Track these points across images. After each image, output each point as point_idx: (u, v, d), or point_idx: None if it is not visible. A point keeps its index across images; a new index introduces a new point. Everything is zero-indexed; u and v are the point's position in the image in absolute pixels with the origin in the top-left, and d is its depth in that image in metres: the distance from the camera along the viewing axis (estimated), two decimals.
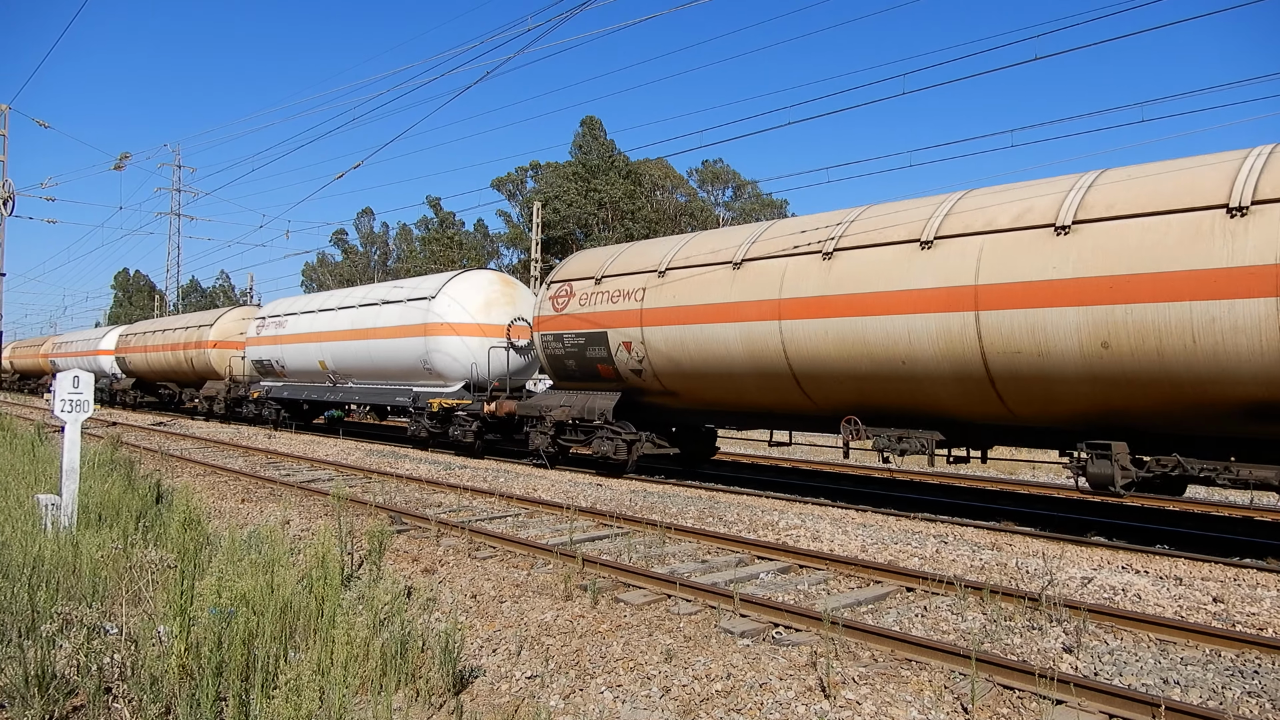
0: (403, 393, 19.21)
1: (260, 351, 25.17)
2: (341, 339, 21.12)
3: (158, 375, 33.79)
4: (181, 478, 13.40)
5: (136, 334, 36.23)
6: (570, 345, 14.47)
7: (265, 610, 4.64)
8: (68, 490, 7.53)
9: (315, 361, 22.19)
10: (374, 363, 19.96)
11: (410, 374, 18.95)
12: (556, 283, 15.34)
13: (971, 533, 9.44)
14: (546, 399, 15.33)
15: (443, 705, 4.46)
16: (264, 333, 25.09)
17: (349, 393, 21.59)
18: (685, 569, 7.45)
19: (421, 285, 19.49)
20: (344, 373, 21.24)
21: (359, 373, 20.76)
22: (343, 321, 21.28)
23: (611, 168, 50.81)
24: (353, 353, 20.65)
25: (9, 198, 32.96)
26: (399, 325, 18.94)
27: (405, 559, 7.91)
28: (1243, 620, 6.17)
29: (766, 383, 11.71)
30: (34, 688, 3.99)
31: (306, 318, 23.02)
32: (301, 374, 23.36)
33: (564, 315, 14.62)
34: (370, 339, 19.93)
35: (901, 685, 4.75)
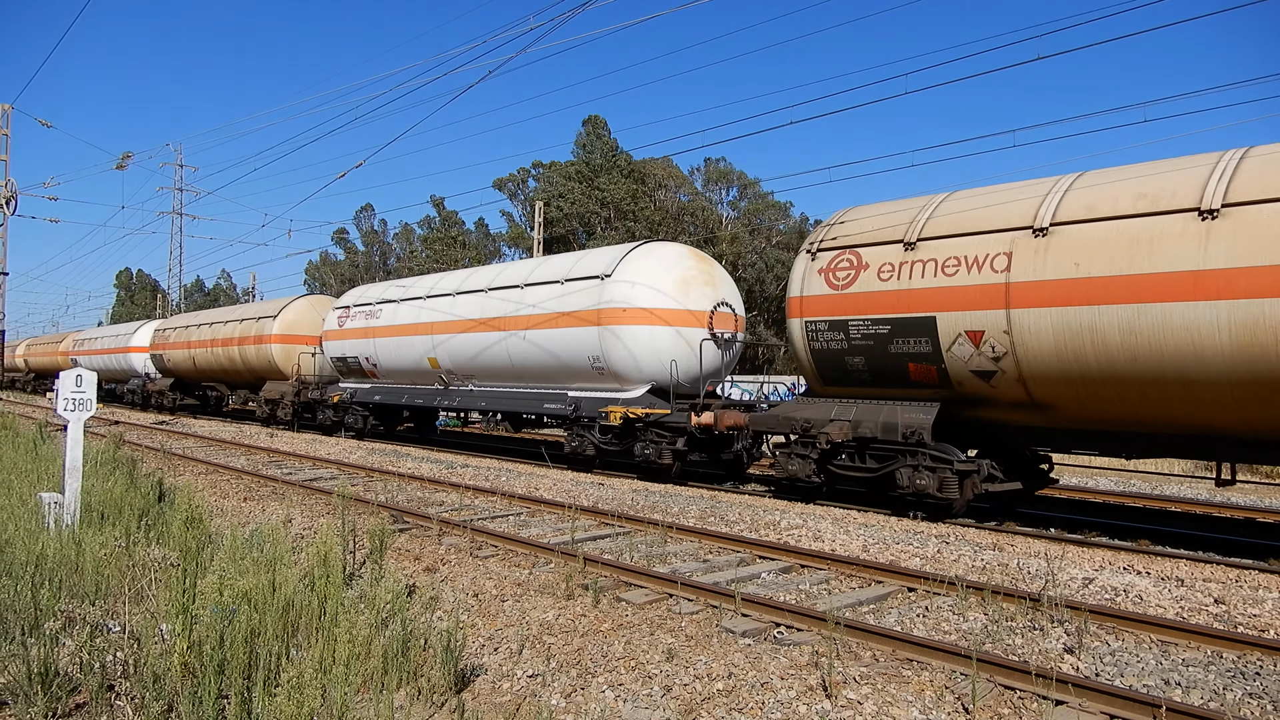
0: (555, 398, 15.35)
1: (343, 347, 21.42)
2: (462, 331, 17.18)
3: (203, 375, 30.06)
4: (184, 476, 13.42)
5: (177, 328, 32.03)
6: (859, 337, 10.65)
7: (267, 608, 4.65)
8: (70, 489, 7.55)
9: (422, 359, 18.48)
10: (514, 361, 16.04)
11: (569, 374, 15.10)
12: (830, 249, 11.18)
13: (973, 533, 9.43)
14: (805, 410, 11.44)
15: (444, 704, 4.47)
16: (349, 324, 21.26)
17: (469, 398, 17.64)
18: (687, 568, 7.46)
19: (589, 260, 15.38)
20: (463, 373, 17.52)
21: (487, 373, 17.00)
22: (465, 309, 17.33)
23: (614, 167, 50.81)
24: (480, 348, 16.78)
25: (12, 197, 32.99)
26: (556, 312, 15.00)
27: (407, 557, 7.92)
28: (1244, 622, 6.16)
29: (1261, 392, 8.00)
30: (37, 685, 4.00)
31: (409, 306, 19.25)
32: (400, 374, 19.63)
33: (847, 295, 10.75)
34: (509, 330, 15.94)
35: (903, 685, 4.76)
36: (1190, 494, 14.03)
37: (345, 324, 21.58)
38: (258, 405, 26.33)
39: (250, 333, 25.88)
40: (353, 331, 21.14)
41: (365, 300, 21.39)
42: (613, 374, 14.26)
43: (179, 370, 31.50)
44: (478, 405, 17.55)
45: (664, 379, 13.90)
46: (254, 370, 26.09)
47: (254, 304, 30.75)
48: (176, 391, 32.71)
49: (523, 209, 57.87)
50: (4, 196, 32.43)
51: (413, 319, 18.98)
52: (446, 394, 18.25)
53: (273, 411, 25.15)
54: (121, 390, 38.14)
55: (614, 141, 52.40)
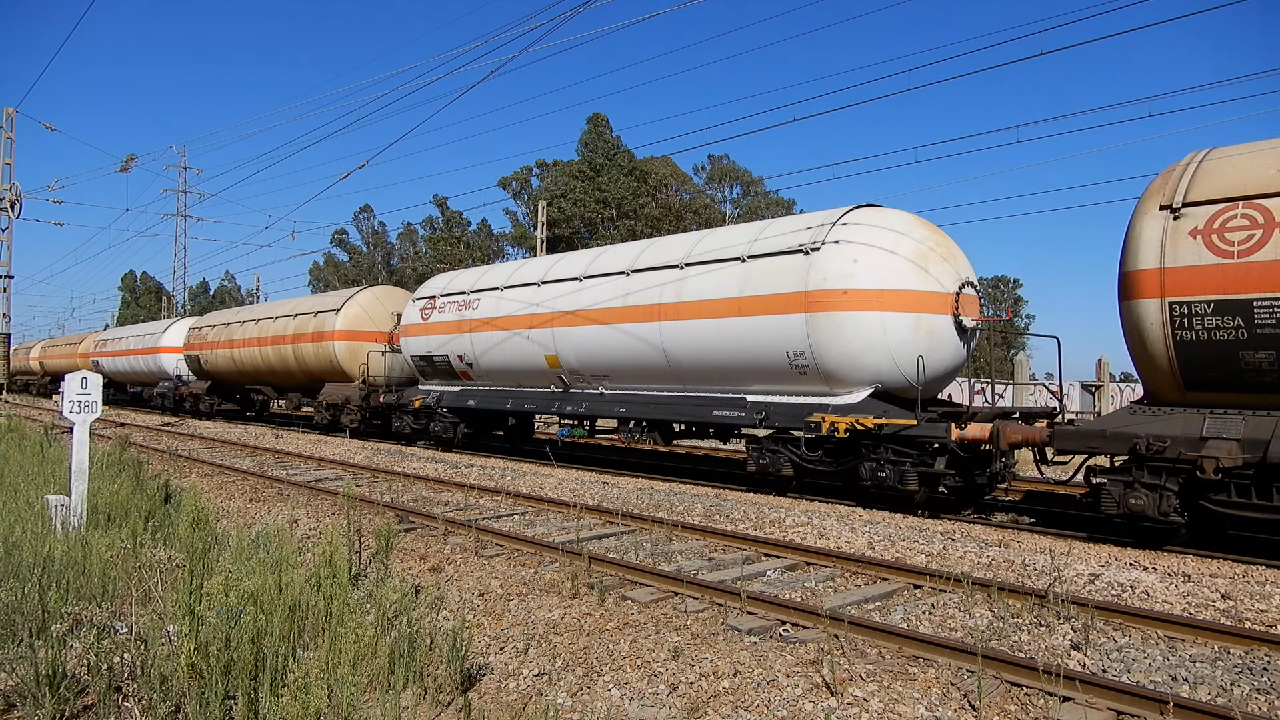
0: (729, 403, 12.43)
1: (428, 344, 18.48)
2: (593, 322, 14.28)
3: (247, 377, 27.21)
4: (189, 478, 13.45)
5: (215, 326, 29.14)
6: (1273, 323, 7.80)
7: (273, 609, 4.66)
8: (76, 491, 7.57)
9: (535, 357, 15.60)
10: (670, 359, 13.08)
11: (753, 374, 12.17)
12: (1211, 203, 8.24)
13: (979, 530, 9.42)
14: (1154, 425, 8.60)
15: (450, 703, 4.47)
16: (436, 317, 18.30)
17: (600, 403, 14.64)
18: (692, 567, 7.45)
19: (782, 231, 12.26)
20: (593, 373, 14.60)
21: (627, 373, 14.04)
22: (596, 296, 14.37)
23: (616, 165, 50.80)
24: (618, 343, 13.83)
25: (16, 200, 33.09)
26: (736, 297, 12.05)
27: (413, 557, 7.93)
28: (1251, 617, 6.14)
29: None
30: (45, 687, 4.02)
31: (518, 294, 16.33)
32: (503, 374, 16.82)
33: (1249, 264, 7.87)
34: (664, 321, 13.06)
35: (908, 682, 4.75)
36: None
37: (431, 317, 18.45)
38: (315, 411, 23.23)
39: (307, 329, 22.93)
40: (441, 326, 18.11)
41: (456, 289, 18.32)
42: (822, 373, 11.29)
43: (218, 372, 28.73)
44: (612, 412, 14.57)
45: (893, 379, 11.00)
46: (310, 371, 23.25)
47: (309, 297, 27.46)
48: (214, 395, 29.84)
49: (526, 208, 57.90)
50: (8, 200, 32.51)
51: (523, 309, 15.96)
52: (567, 398, 15.27)
53: (334, 418, 22.19)
54: (149, 394, 35.48)
55: (616, 139, 52.39)
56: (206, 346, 28.93)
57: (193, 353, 30.12)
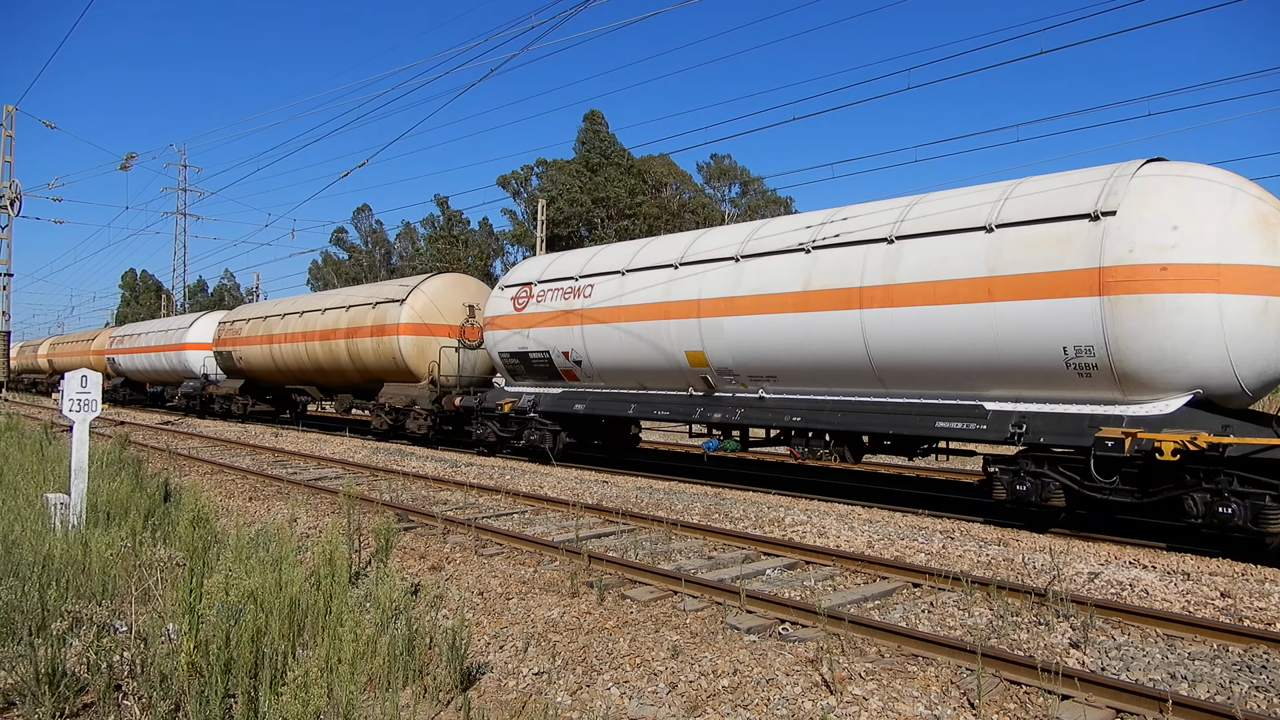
0: (960, 412, 9.95)
1: (524, 339, 15.75)
2: (758, 311, 11.83)
3: (289, 376, 24.56)
4: (189, 476, 13.46)
5: (250, 319, 26.47)
6: None
7: (273, 608, 4.66)
8: (76, 489, 7.58)
9: (673, 353, 13.03)
10: (875, 353, 10.49)
11: (1002, 375, 9.56)
12: None
13: (978, 528, 9.42)
14: None
15: (450, 702, 4.48)
16: (534, 307, 15.63)
17: (760, 411, 12.14)
18: (691, 565, 7.46)
19: (1045, 194, 9.56)
20: (752, 372, 12.13)
21: (803, 373, 11.55)
22: (764, 277, 11.89)
23: (612, 164, 50.78)
24: (797, 336, 11.33)
25: (16, 198, 33.05)
26: (989, 275, 9.41)
27: (412, 556, 7.94)
28: (1251, 615, 6.15)
29: None
30: (44, 685, 4.02)
31: (648, 277, 13.66)
32: (623, 373, 14.20)
33: None
34: (869, 308, 10.46)
35: (908, 681, 4.76)
36: None
37: (527, 307, 15.82)
38: (373, 415, 20.70)
39: (364, 322, 20.46)
40: (540, 317, 15.41)
41: (559, 274, 15.56)
42: (1117, 375, 8.75)
43: (254, 370, 26.16)
44: (780, 421, 11.81)
45: (1222, 383, 8.51)
46: (367, 370, 20.79)
47: (365, 287, 24.46)
48: (247, 396, 27.37)
49: (526, 207, 57.88)
50: (8, 198, 32.49)
51: (655, 296, 13.41)
52: (713, 404, 12.74)
53: (397, 423, 19.69)
54: (172, 395, 33.26)
55: (612, 136, 52.36)
56: (240, 342, 26.30)
57: (223, 349, 27.45)
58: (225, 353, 27.42)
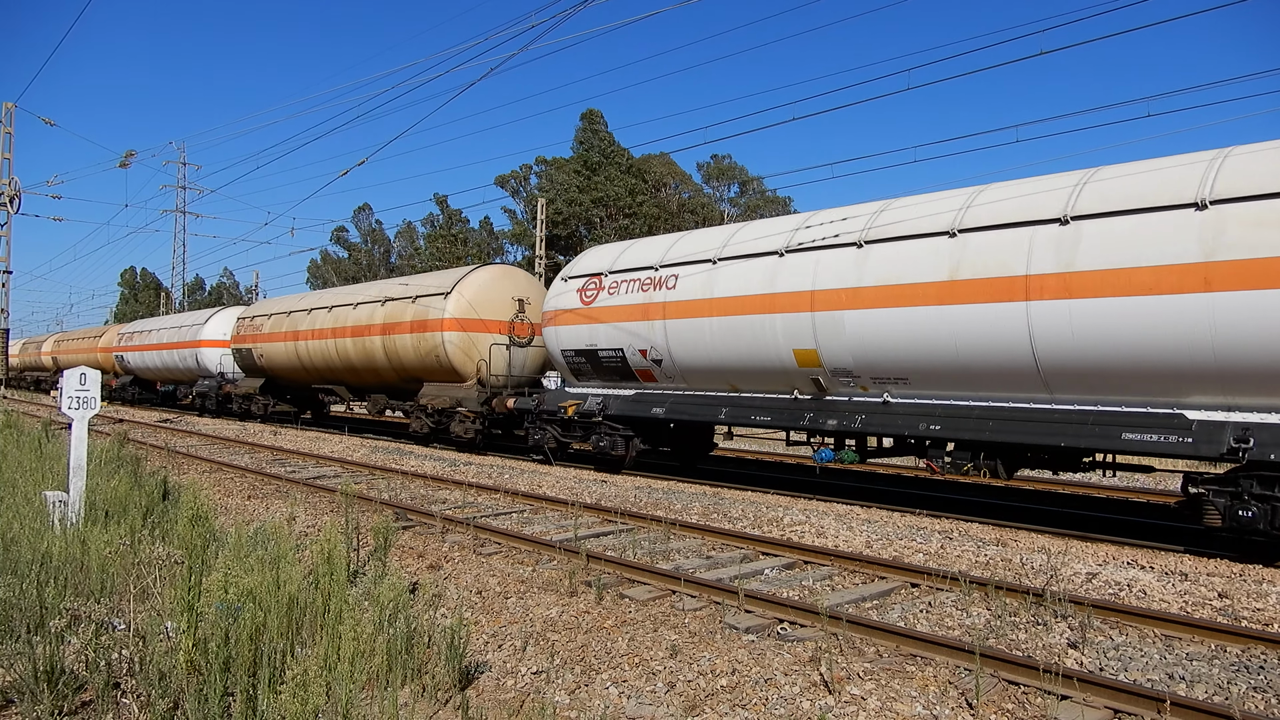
0: (1153, 421, 8.48)
1: (591, 335, 14.33)
2: (889, 303, 10.37)
3: (315, 375, 23.18)
4: (188, 474, 13.45)
5: (272, 315, 24.92)
6: None
7: (272, 606, 4.66)
8: (75, 487, 7.57)
9: (778, 351, 11.60)
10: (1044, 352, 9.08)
11: (1209, 378, 8.18)
12: None
13: (976, 528, 9.43)
14: None
15: (448, 701, 4.48)
16: (605, 300, 14.19)
17: (884, 417, 10.66)
18: (690, 565, 7.46)
19: None
20: (878, 373, 10.65)
21: (944, 374, 10.03)
22: (896, 265, 10.41)
23: (611, 163, 50.78)
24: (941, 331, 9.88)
25: (15, 196, 33.02)
26: (1206, 261, 8.05)
27: (411, 555, 7.94)
28: (1248, 616, 6.16)
29: None
30: (43, 683, 4.02)
31: (747, 267, 12.22)
32: (714, 374, 12.78)
33: None
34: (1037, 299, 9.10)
35: (906, 680, 4.76)
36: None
37: (597, 300, 14.35)
38: (411, 417, 19.34)
39: (403, 317, 19.05)
40: (611, 311, 13.96)
41: (636, 263, 14.05)
42: None
43: (275, 368, 24.73)
44: (914, 429, 10.27)
45: None
46: (405, 369, 19.35)
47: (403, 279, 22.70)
48: (268, 395, 25.95)
49: (525, 206, 57.89)
50: (7, 195, 32.45)
51: (757, 287, 11.95)
52: (825, 409, 11.31)
53: (439, 426, 18.25)
54: (185, 394, 31.95)
55: (610, 135, 52.34)
56: (261, 339, 24.80)
57: (243, 346, 25.95)
58: (245, 350, 25.84)
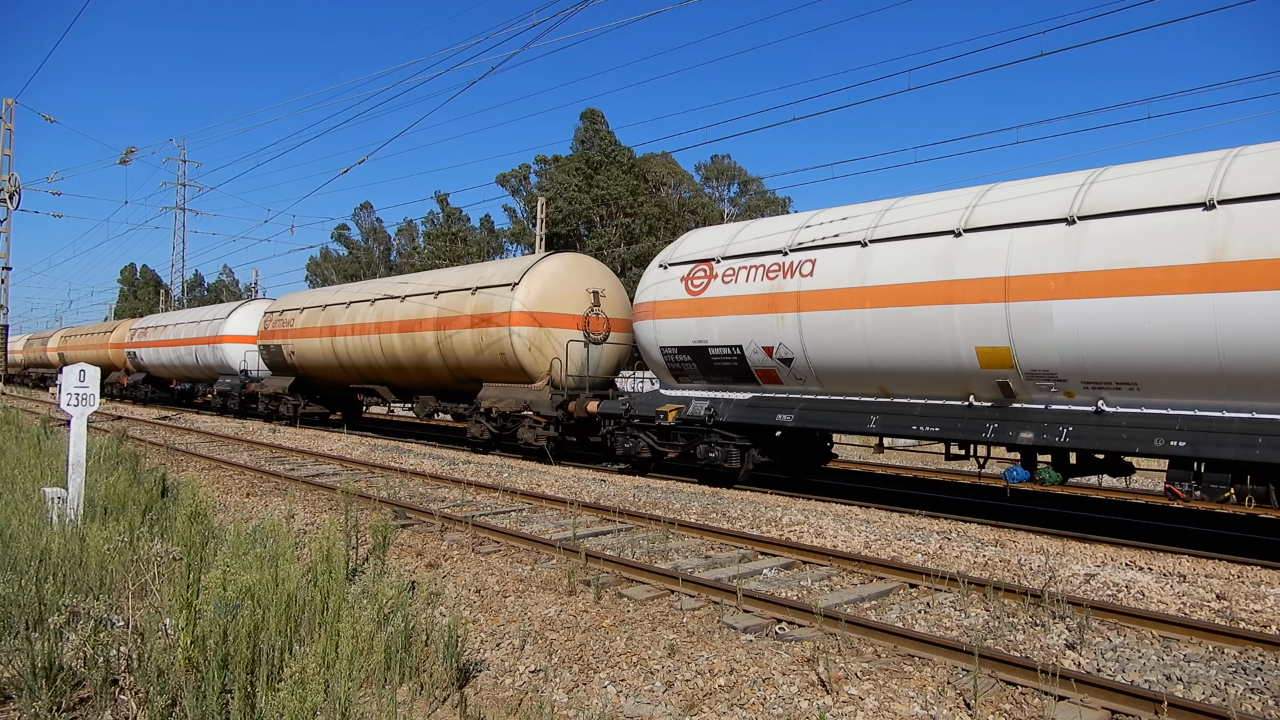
0: None
1: (700, 329, 12.59)
2: (1118, 290, 8.70)
3: (356, 374, 21.38)
4: (187, 472, 13.44)
5: (305, 309, 23.21)
6: None
7: (270, 604, 4.66)
8: (74, 484, 7.57)
9: (955, 350, 9.96)
10: None
11: None
12: None
13: (975, 529, 9.43)
14: None
15: (446, 699, 4.48)
16: (716, 289, 12.49)
17: (1100, 430, 8.98)
18: (688, 564, 7.47)
19: None
20: (1093, 377, 9.02)
21: (1198, 380, 8.36)
22: (1130, 245, 8.69)
23: (613, 163, 50.77)
24: (1192, 325, 8.25)
25: (15, 192, 32.97)
26: None
27: (409, 553, 7.94)
28: (1246, 617, 6.16)
29: None
30: (41, 679, 4.02)
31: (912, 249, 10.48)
32: (859, 376, 11.03)
33: None
34: None
35: (904, 681, 4.76)
36: None
37: (708, 289, 12.62)
38: (470, 421, 17.35)
39: (461, 311, 17.28)
40: (728, 303, 12.18)
41: (761, 247, 12.17)
42: None
43: (308, 366, 23.05)
44: (1144, 446, 8.61)
45: None
46: (462, 368, 17.60)
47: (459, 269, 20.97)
48: (298, 395, 24.26)
49: (525, 205, 57.88)
50: (7, 191, 32.40)
51: (927, 272, 10.20)
52: (1011, 417, 9.63)
53: (503, 431, 16.41)
54: (204, 393, 30.24)
55: (611, 135, 52.33)
56: (292, 335, 23.14)
57: (271, 342, 24.32)
58: (273, 346, 24.16)
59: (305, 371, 23.55)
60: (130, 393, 36.75)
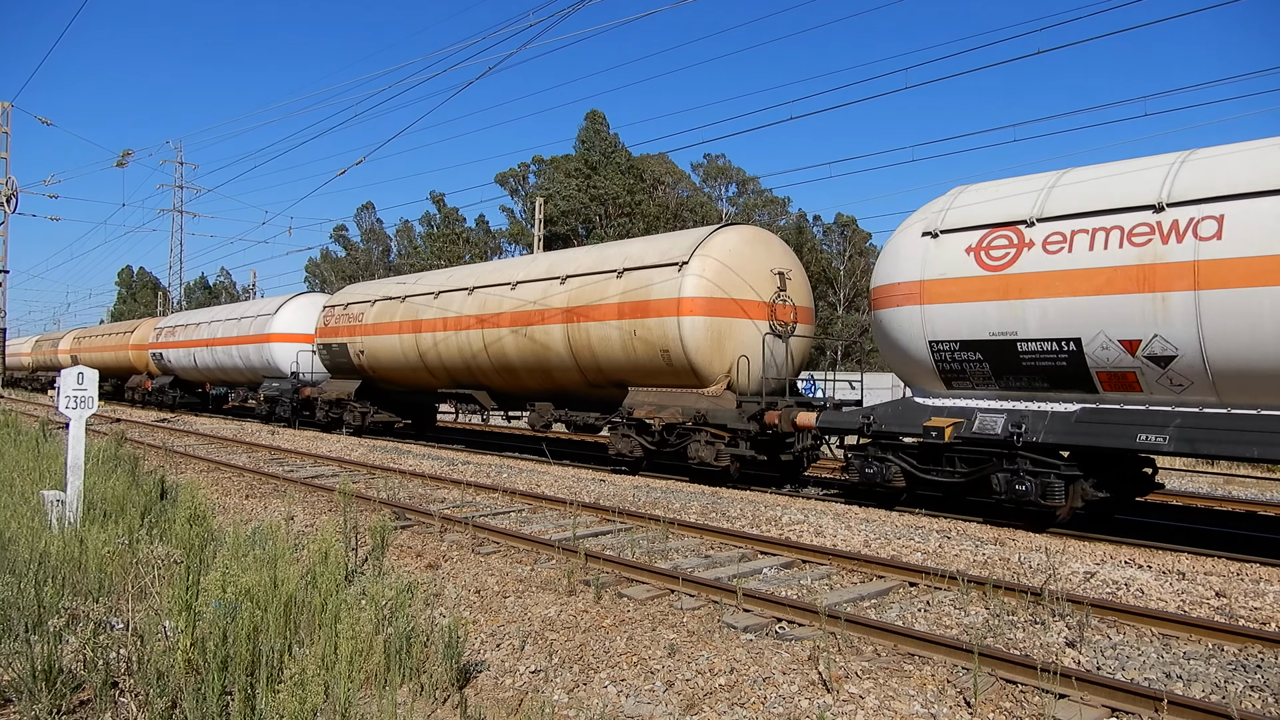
0: None
1: (1020, 317, 9.33)
2: None
3: (446, 377, 18.14)
4: (185, 474, 13.43)
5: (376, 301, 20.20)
6: None
7: (270, 605, 4.66)
8: (73, 486, 7.56)
9: None
10: None
11: None
12: None
13: (974, 528, 9.44)
14: None
15: (446, 699, 4.48)
16: (1041, 261, 9.18)
17: None
18: (688, 564, 7.47)
19: None
20: None
21: None
22: None
23: (611, 162, 50.78)
24: None
25: (12, 195, 32.94)
26: None
27: (409, 554, 7.93)
28: (1245, 615, 6.17)
29: None
30: (41, 682, 4.01)
31: None
32: None
33: None
34: None
35: (904, 679, 4.77)
36: (1191, 488, 14.04)
37: (1020, 262, 9.36)
38: (614, 434, 14.04)
39: (604, 297, 13.96)
40: (1060, 280, 9.01)
41: (1111, 202, 8.85)
42: None
43: (382, 368, 20.01)
44: None
45: None
46: (601, 368, 14.34)
47: (590, 248, 16.81)
48: (365, 401, 20.87)
49: (523, 205, 57.87)
50: (5, 195, 32.36)
51: None
52: None
53: (663, 446, 13.24)
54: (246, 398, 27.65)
55: (614, 137, 52.36)
56: (361, 331, 20.28)
57: (333, 340, 21.32)
58: (336, 345, 21.16)
59: (377, 374, 20.41)
60: (155, 398, 33.63)
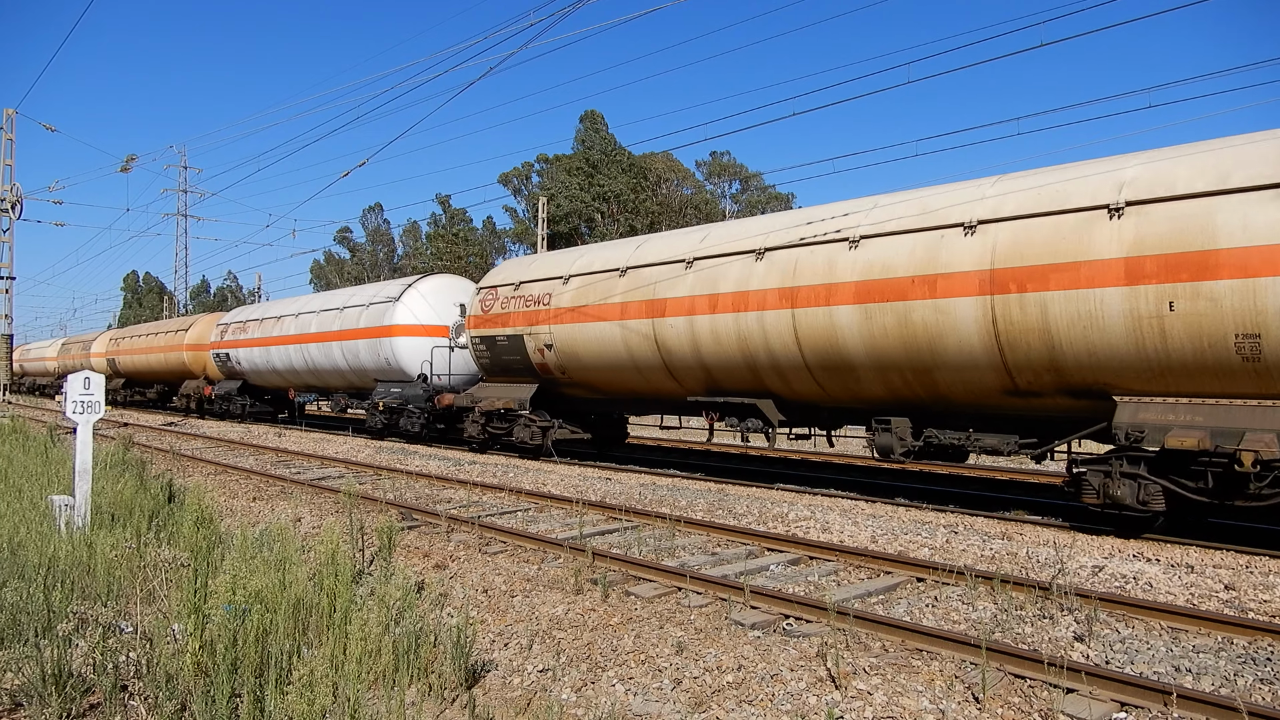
0: None
1: None
2: None
3: (705, 378, 12.52)
4: (193, 477, 13.47)
5: (569, 277, 14.50)
6: None
7: (278, 607, 4.67)
8: (80, 491, 7.59)
9: None
10: None
11: None
12: None
13: (982, 522, 9.42)
14: None
15: (455, 699, 4.49)
16: None
17: None
18: (695, 561, 7.46)
19: None
20: None
21: None
22: None
23: (613, 162, 50.76)
24: None
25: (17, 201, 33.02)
26: None
27: (416, 555, 7.95)
28: (1255, 608, 6.15)
29: None
30: (51, 686, 4.03)
31: None
32: None
33: None
34: None
35: (912, 675, 4.76)
36: None
37: None
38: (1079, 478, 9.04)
39: (1081, 248, 8.37)
40: None
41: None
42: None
43: (580, 369, 14.49)
44: None
45: None
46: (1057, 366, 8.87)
47: (1026, 173, 9.66)
48: (542, 413, 15.52)
49: (527, 205, 57.89)
50: (9, 201, 32.45)
51: None
52: None
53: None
54: (349, 406, 22.02)
55: (612, 136, 52.31)
56: (545, 319, 14.73)
57: (501, 332, 15.76)
58: (505, 338, 15.62)
59: (569, 376, 14.84)
60: (220, 406, 27.95)
